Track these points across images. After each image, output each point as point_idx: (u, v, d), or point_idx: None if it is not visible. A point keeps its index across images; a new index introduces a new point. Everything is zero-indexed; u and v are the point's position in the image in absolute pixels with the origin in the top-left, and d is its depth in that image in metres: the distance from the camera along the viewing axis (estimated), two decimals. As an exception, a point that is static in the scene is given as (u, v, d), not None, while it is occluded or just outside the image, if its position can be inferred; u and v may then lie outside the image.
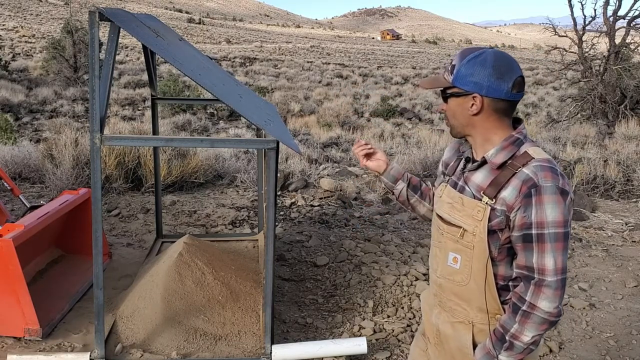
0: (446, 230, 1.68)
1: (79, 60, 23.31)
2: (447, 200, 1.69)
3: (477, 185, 1.62)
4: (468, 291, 1.65)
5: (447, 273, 1.70)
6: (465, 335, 1.68)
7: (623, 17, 13.72)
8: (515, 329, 1.54)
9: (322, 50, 66.87)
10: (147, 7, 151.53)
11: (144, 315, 3.20)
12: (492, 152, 1.59)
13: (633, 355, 3.34)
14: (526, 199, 1.50)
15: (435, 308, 1.79)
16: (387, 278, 4.00)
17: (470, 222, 1.59)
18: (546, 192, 1.48)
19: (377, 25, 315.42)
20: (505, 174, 1.56)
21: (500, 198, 1.55)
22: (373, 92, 26.55)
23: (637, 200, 6.71)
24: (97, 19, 2.59)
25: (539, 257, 1.50)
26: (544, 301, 1.50)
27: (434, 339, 1.81)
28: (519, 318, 1.54)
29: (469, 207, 1.61)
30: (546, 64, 34.38)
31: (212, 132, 15.08)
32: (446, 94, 1.64)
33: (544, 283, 1.50)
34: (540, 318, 1.51)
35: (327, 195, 6.22)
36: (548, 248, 1.49)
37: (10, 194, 5.06)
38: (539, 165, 1.52)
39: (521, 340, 1.54)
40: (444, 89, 1.64)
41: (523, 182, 1.51)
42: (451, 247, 1.66)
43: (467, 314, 1.68)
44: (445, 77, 1.62)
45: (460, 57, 1.59)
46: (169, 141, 3.08)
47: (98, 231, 2.75)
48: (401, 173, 1.95)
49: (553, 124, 14.07)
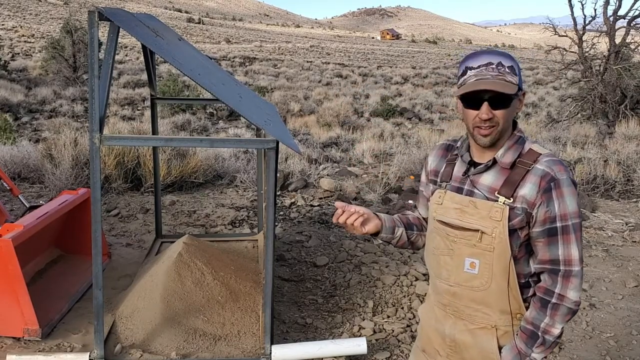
0: (459, 236, 1.64)
1: (78, 60, 23.29)
2: (453, 206, 1.65)
3: (488, 186, 1.60)
4: (489, 295, 1.62)
5: (463, 280, 1.65)
6: (489, 341, 1.65)
7: (623, 17, 13.70)
8: (546, 323, 1.56)
9: (322, 50, 66.87)
10: (146, 7, 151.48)
11: (143, 316, 3.19)
12: (501, 152, 1.59)
13: (633, 355, 3.34)
14: (547, 193, 1.52)
15: (449, 319, 1.73)
16: (387, 278, 3.99)
17: (489, 224, 1.57)
18: (564, 184, 1.52)
19: (377, 25, 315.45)
20: (518, 172, 1.56)
21: (520, 196, 1.55)
22: (373, 91, 26.52)
23: (637, 200, 6.71)
24: (96, 19, 2.58)
25: (565, 249, 1.54)
26: (572, 291, 1.54)
27: (446, 351, 1.75)
28: (550, 311, 1.56)
29: (484, 210, 1.59)
30: (546, 63, 34.40)
31: (211, 132, 15.07)
32: (511, 98, 1.53)
33: (572, 273, 1.54)
34: (567, 308, 1.55)
35: (327, 195, 6.22)
36: (572, 239, 1.54)
37: (9, 194, 5.05)
38: (550, 159, 1.55)
39: (552, 333, 1.56)
40: (506, 93, 1.51)
41: (541, 177, 1.53)
42: (467, 252, 1.62)
43: (489, 319, 1.65)
44: (510, 80, 1.52)
45: (507, 57, 1.54)
46: (169, 141, 3.08)
47: (97, 231, 2.74)
48: (392, 220, 1.84)
49: (553, 124, 14.06)
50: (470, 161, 1.66)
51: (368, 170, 8.12)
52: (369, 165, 8.71)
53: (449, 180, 1.70)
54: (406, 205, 5.26)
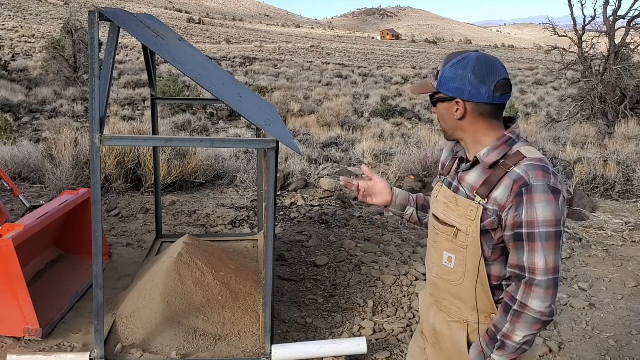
0: (441, 230, 1.69)
1: (78, 60, 23.29)
2: (443, 200, 1.70)
3: (470, 185, 1.62)
4: (462, 290, 1.66)
5: (443, 273, 1.70)
6: (461, 335, 1.69)
7: (623, 17, 13.70)
8: (507, 329, 1.55)
9: (322, 50, 66.88)
10: (147, 7, 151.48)
11: (143, 315, 3.20)
12: (484, 151, 1.59)
13: (633, 355, 3.34)
14: (517, 198, 1.49)
15: (432, 308, 1.80)
16: (387, 278, 4.00)
17: (464, 222, 1.60)
18: (537, 191, 1.48)
19: (377, 25, 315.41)
20: (497, 173, 1.55)
21: (493, 198, 1.55)
22: (373, 92, 26.53)
23: (637, 200, 6.71)
24: (97, 19, 2.58)
25: (530, 256, 1.50)
26: (535, 300, 1.50)
27: (431, 338, 1.82)
28: (511, 318, 1.54)
29: (463, 207, 1.61)
30: (546, 64, 34.39)
31: (212, 132, 15.07)
32: (433, 99, 1.64)
33: (535, 282, 1.50)
34: (531, 318, 1.51)
35: (327, 195, 6.22)
36: (539, 247, 1.49)
37: (10, 194, 5.06)
38: (530, 164, 1.51)
39: (513, 340, 1.54)
40: (432, 94, 1.64)
41: (514, 181, 1.51)
42: (446, 246, 1.67)
43: (461, 314, 1.69)
44: (432, 83, 1.63)
45: (444, 62, 1.59)
46: (169, 141, 3.08)
47: (98, 231, 2.75)
48: (407, 198, 1.94)
49: (553, 124, 14.06)
50: (461, 158, 1.70)
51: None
52: (369, 165, 8.71)
53: (447, 175, 1.75)
54: None
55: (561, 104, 17.30)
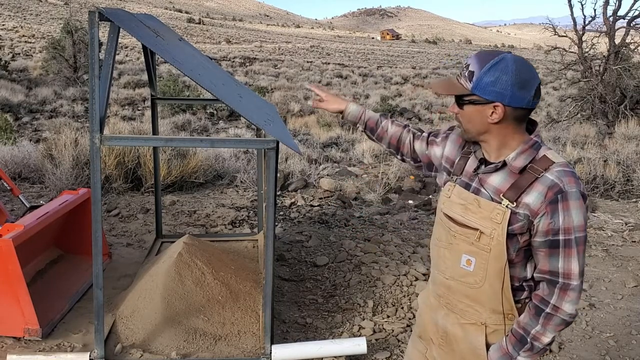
0: (459, 232, 1.65)
1: (78, 60, 23.30)
2: (459, 201, 1.66)
3: (494, 187, 1.60)
4: (482, 293, 1.64)
5: (459, 275, 1.67)
6: (478, 337, 1.68)
7: (623, 17, 13.70)
8: (537, 331, 1.56)
9: (322, 50, 66.89)
10: (147, 7, 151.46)
11: (143, 315, 3.20)
12: (513, 155, 1.57)
13: (633, 355, 3.34)
14: (552, 205, 1.49)
15: (442, 309, 1.77)
16: (386, 278, 4.00)
17: (489, 225, 1.58)
18: (572, 197, 1.49)
19: (377, 25, 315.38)
20: (526, 178, 1.54)
21: (523, 203, 1.53)
22: (373, 92, 26.54)
23: (637, 200, 6.72)
24: (97, 19, 2.58)
25: (565, 262, 1.52)
26: (568, 304, 1.53)
27: (438, 340, 1.79)
28: (542, 320, 1.56)
29: (487, 210, 1.59)
30: (546, 64, 34.39)
31: (211, 132, 15.07)
32: (463, 100, 1.58)
33: (570, 287, 1.52)
34: (561, 319, 1.55)
35: (327, 195, 6.22)
36: (574, 253, 1.51)
37: (10, 194, 5.06)
38: (562, 170, 1.52)
39: (541, 341, 1.57)
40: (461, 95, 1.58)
41: (549, 188, 1.50)
42: (465, 249, 1.64)
43: (479, 316, 1.67)
44: (463, 83, 1.56)
45: (479, 63, 1.53)
46: (169, 141, 3.08)
47: (98, 231, 2.75)
48: (358, 117, 2.02)
49: (553, 124, 14.06)
50: (481, 159, 1.66)
51: (368, 170, 8.12)
52: (369, 165, 8.72)
53: (460, 175, 1.71)
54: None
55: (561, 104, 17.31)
